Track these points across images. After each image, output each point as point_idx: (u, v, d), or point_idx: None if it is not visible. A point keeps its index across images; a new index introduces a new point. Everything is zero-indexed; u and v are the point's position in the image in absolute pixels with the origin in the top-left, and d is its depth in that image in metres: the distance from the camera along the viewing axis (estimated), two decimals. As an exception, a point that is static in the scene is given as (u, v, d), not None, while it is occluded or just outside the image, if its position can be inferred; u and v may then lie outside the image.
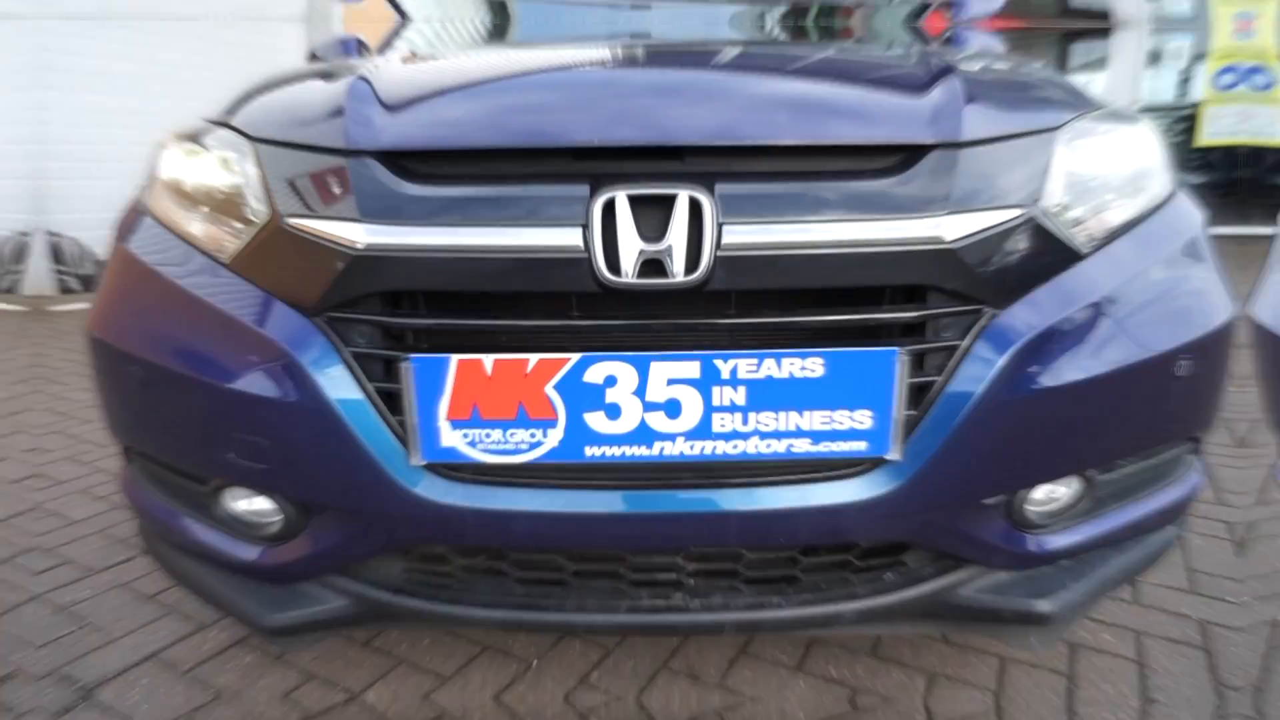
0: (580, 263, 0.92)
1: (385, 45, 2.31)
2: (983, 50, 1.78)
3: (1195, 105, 8.86)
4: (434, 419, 0.95)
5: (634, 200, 0.93)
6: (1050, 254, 1.05)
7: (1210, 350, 1.16)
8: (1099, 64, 9.69)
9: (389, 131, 1.04)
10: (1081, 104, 1.27)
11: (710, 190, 0.93)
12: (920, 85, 1.15)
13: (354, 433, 0.98)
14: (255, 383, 1.02)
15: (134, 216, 1.32)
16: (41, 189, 5.99)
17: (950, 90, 1.12)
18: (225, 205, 1.14)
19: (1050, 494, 1.15)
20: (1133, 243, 1.15)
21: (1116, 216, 1.16)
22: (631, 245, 0.91)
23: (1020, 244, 1.02)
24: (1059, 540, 1.14)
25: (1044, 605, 1.12)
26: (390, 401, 0.99)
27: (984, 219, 0.99)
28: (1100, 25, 9.17)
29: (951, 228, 0.96)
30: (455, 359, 0.93)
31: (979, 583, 1.13)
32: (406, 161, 1.03)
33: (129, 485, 1.30)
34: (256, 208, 1.08)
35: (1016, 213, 1.02)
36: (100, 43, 6.38)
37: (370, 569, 1.13)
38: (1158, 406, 1.12)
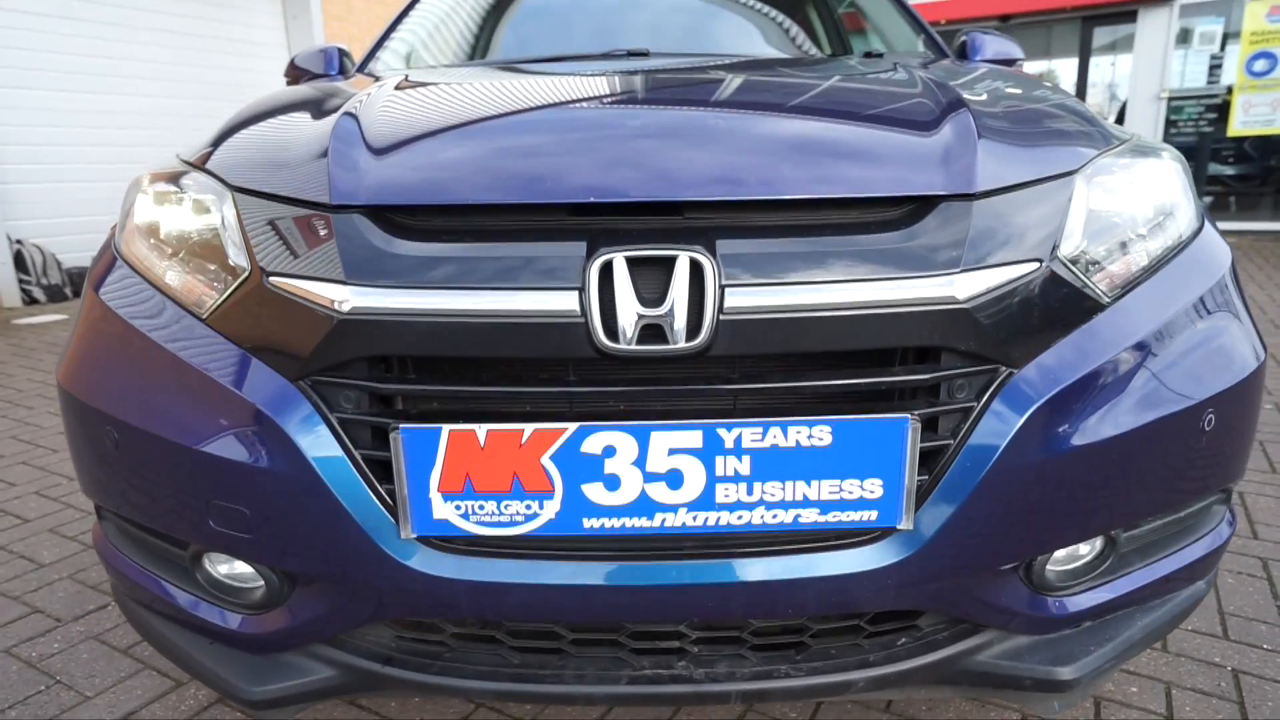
0: (577, 328, 0.93)
1: (368, 57, 2.32)
2: (993, 69, 1.78)
3: (1227, 89, 8.87)
4: (425, 491, 0.96)
5: (632, 262, 0.94)
6: (1070, 306, 1.06)
7: (1239, 400, 1.17)
8: (1125, 47, 9.71)
9: (375, 186, 1.04)
10: (1100, 139, 1.28)
11: (711, 250, 0.94)
12: (929, 123, 1.16)
13: (340, 503, 0.99)
14: (236, 449, 1.03)
15: (108, 261, 1.33)
16: (3, 194, 5.99)
17: (961, 132, 1.13)
18: (203, 258, 1.15)
19: (1071, 554, 1.16)
20: (1157, 288, 1.15)
21: (1140, 260, 1.17)
22: (630, 310, 0.92)
23: (1038, 298, 1.03)
24: (1081, 602, 1.15)
25: (1065, 672, 1.13)
26: (378, 469, 1.00)
27: (999, 275, 1.00)
28: (1126, 7, 9.19)
29: (965, 286, 0.97)
30: (447, 430, 0.94)
31: (997, 648, 1.14)
32: (393, 216, 1.04)
33: (102, 543, 1.31)
34: (236, 262, 1.09)
35: (1034, 266, 1.02)
36: (63, 38, 6.39)
37: (358, 638, 1.14)
38: (1185, 462, 1.13)
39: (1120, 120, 10.05)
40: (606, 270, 0.94)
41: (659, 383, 0.97)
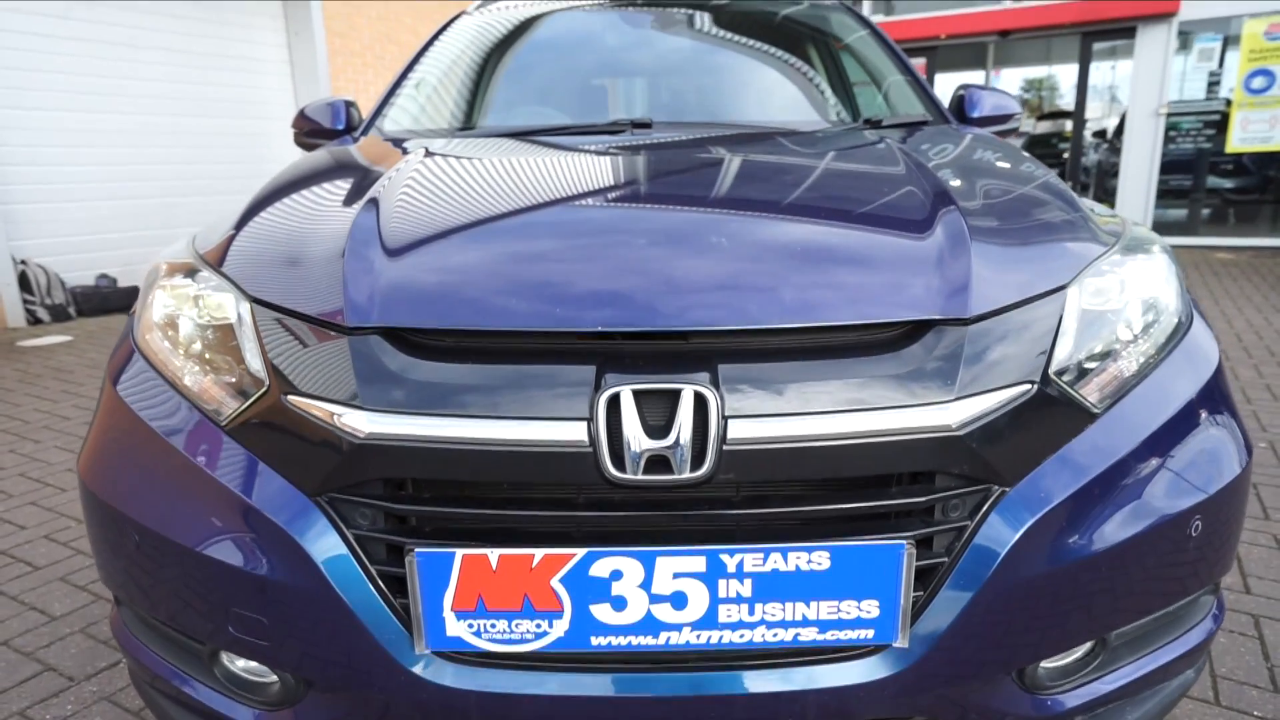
0: (585, 458, 0.97)
1: (375, 114, 2.36)
2: (983, 140, 1.82)
3: (1226, 105, 8.92)
4: (439, 609, 1.00)
5: (639, 393, 0.98)
6: (1061, 421, 1.10)
7: (1226, 504, 1.20)
8: (1126, 53, 9.74)
9: (389, 307, 1.08)
10: (1089, 235, 1.32)
11: (714, 381, 0.98)
12: (926, 239, 1.19)
13: (356, 616, 1.03)
14: (256, 562, 1.07)
15: (125, 353, 1.37)
16: (6, 214, 6.03)
17: (957, 250, 1.16)
18: (222, 366, 1.19)
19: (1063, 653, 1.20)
20: (1146, 394, 1.19)
21: (1130, 366, 1.20)
22: (637, 443, 0.96)
23: (1030, 418, 1.06)
24: (1073, 699, 1.18)
25: None
26: (393, 583, 1.04)
27: (992, 399, 1.03)
28: (1125, 23, 9.23)
29: (959, 413, 1.00)
30: (460, 553, 0.98)
31: (989, 743, 1.17)
32: (408, 335, 1.08)
33: (120, 630, 1.35)
34: (254, 375, 1.13)
35: (1025, 387, 1.06)
36: (68, 59, 6.43)
37: None
38: (1173, 566, 1.17)
39: (1119, 133, 10.11)
40: (614, 401, 0.97)
41: (664, 507, 1.01)
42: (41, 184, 6.25)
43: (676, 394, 0.98)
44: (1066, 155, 10.77)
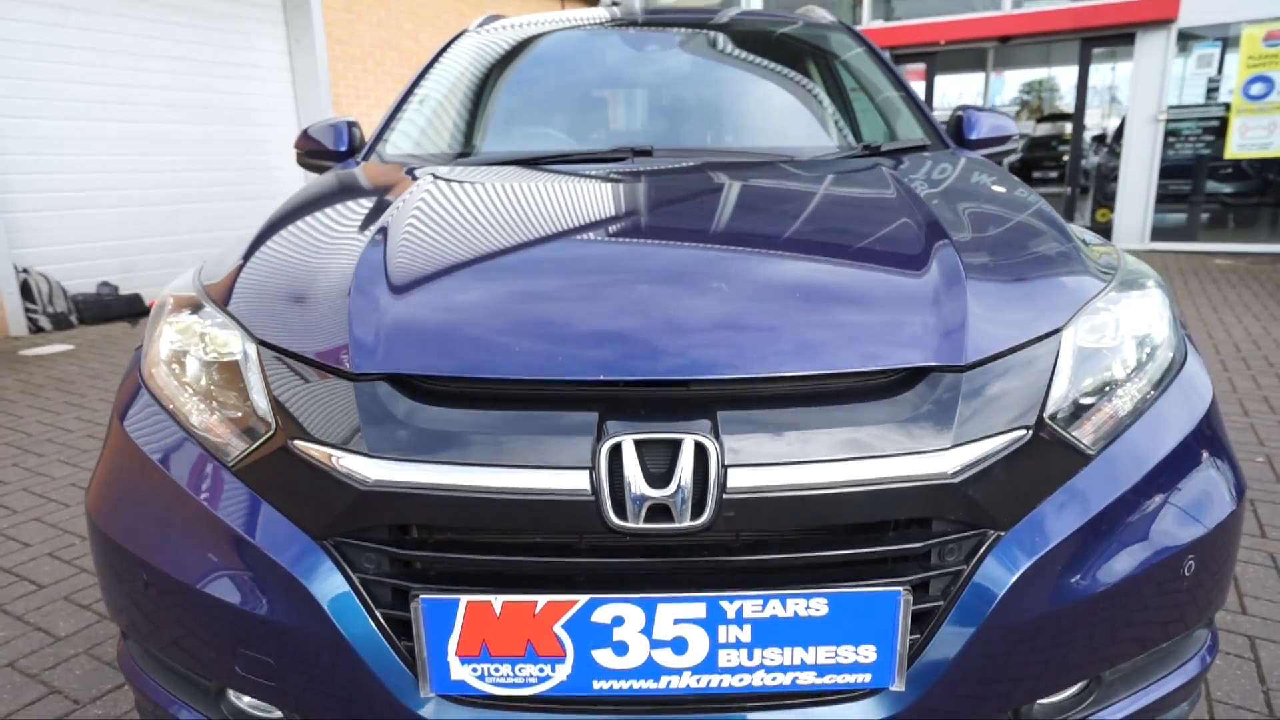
0: (588, 506, 0.98)
1: (378, 137, 2.37)
2: (978, 167, 1.83)
3: (1225, 110, 8.94)
4: (444, 654, 1.02)
5: (640, 442, 1.00)
6: (1055, 464, 1.12)
7: (1220, 543, 1.22)
8: (1125, 63, 9.76)
9: (394, 354, 1.10)
10: (1083, 269, 1.34)
11: (714, 431, 1.00)
12: (922, 282, 1.21)
13: (361, 658, 1.05)
14: (260, 603, 1.08)
15: (132, 388, 1.39)
16: (9, 222, 6.05)
17: (953, 294, 1.18)
18: (229, 406, 1.20)
19: (1058, 690, 1.22)
20: (1140, 434, 1.21)
21: (1125, 405, 1.22)
22: (639, 492, 0.98)
23: (1024, 462, 1.08)
24: (1068, 734, 1.20)
25: None
26: (398, 626, 1.06)
27: (987, 446, 1.05)
28: (1124, 29, 9.25)
29: (955, 461, 1.02)
30: (465, 600, 1.00)
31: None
32: (413, 380, 1.10)
33: (127, 663, 1.36)
34: (261, 417, 1.15)
35: (1020, 433, 1.08)
36: (70, 67, 6.45)
37: None
38: (1167, 604, 1.18)
39: (1118, 137, 10.13)
40: (616, 450, 0.99)
41: (665, 553, 1.02)
42: (44, 192, 6.27)
43: (677, 442, 0.99)
44: (1066, 158, 10.79)
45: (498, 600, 1.00)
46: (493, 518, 1.00)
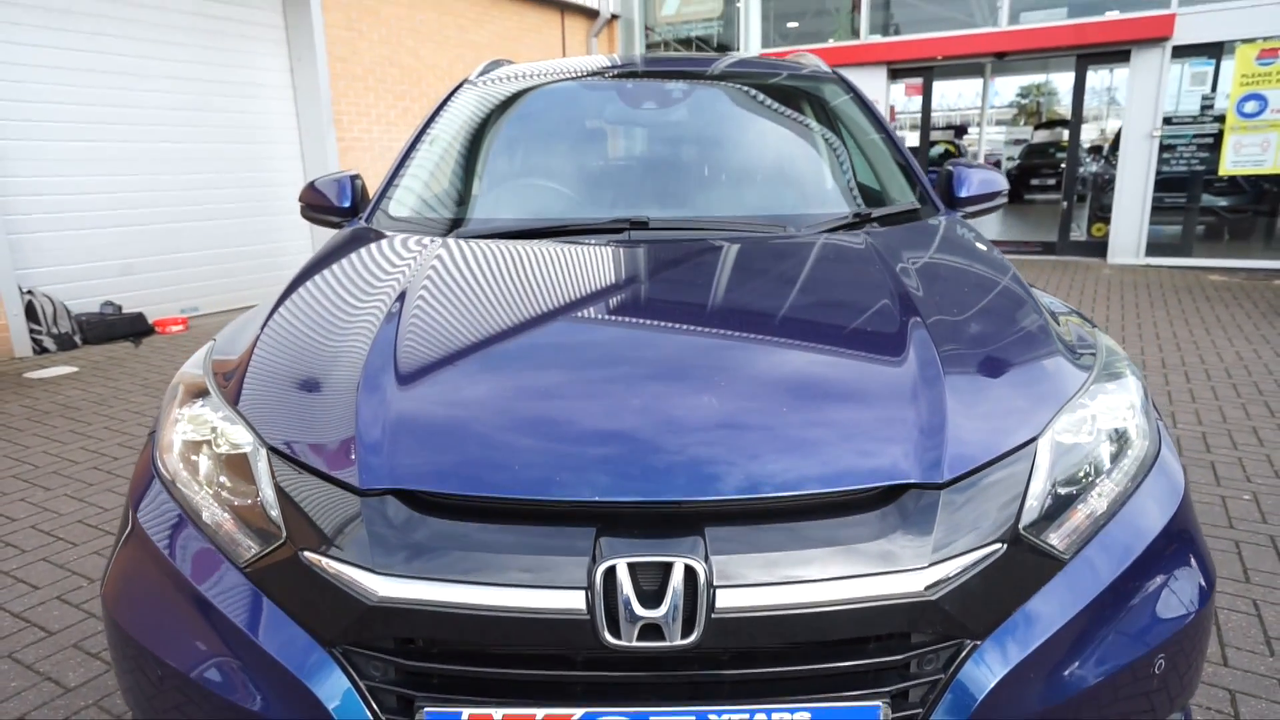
0: (584, 625, 1.04)
1: (382, 194, 2.42)
2: (963, 245, 1.88)
3: (1218, 128, 8.99)
4: (447, 762, 1.07)
5: (634, 564, 1.05)
6: (1030, 572, 1.17)
7: (1190, 638, 1.27)
8: (1122, 69, 9.81)
9: (400, 470, 1.15)
10: (1065, 370, 1.39)
11: (704, 554, 1.05)
12: (904, 396, 1.25)
13: (367, 762, 1.10)
14: (270, 706, 1.13)
15: (146, 476, 1.44)
16: (14, 244, 6.09)
17: (934, 407, 1.23)
18: (240, 509, 1.25)
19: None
20: (1114, 534, 1.25)
21: (1099, 506, 1.27)
22: (632, 613, 1.03)
23: (1000, 573, 1.13)
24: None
25: None
26: None
27: (963, 562, 1.10)
28: (1120, 46, 9.30)
29: (932, 578, 1.07)
30: (467, 714, 1.05)
31: None
32: (417, 493, 1.15)
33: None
34: (272, 525, 1.20)
35: (996, 547, 1.13)
36: (74, 89, 6.50)
37: None
38: (1141, 700, 1.23)
39: (1114, 149, 10.19)
40: (610, 570, 1.04)
41: (657, 666, 1.07)
42: (48, 213, 6.32)
43: (669, 564, 1.04)
44: (1064, 165, 10.83)
45: (498, 713, 1.05)
46: (495, 634, 1.05)
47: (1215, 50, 8.97)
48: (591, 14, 11.97)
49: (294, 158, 8.26)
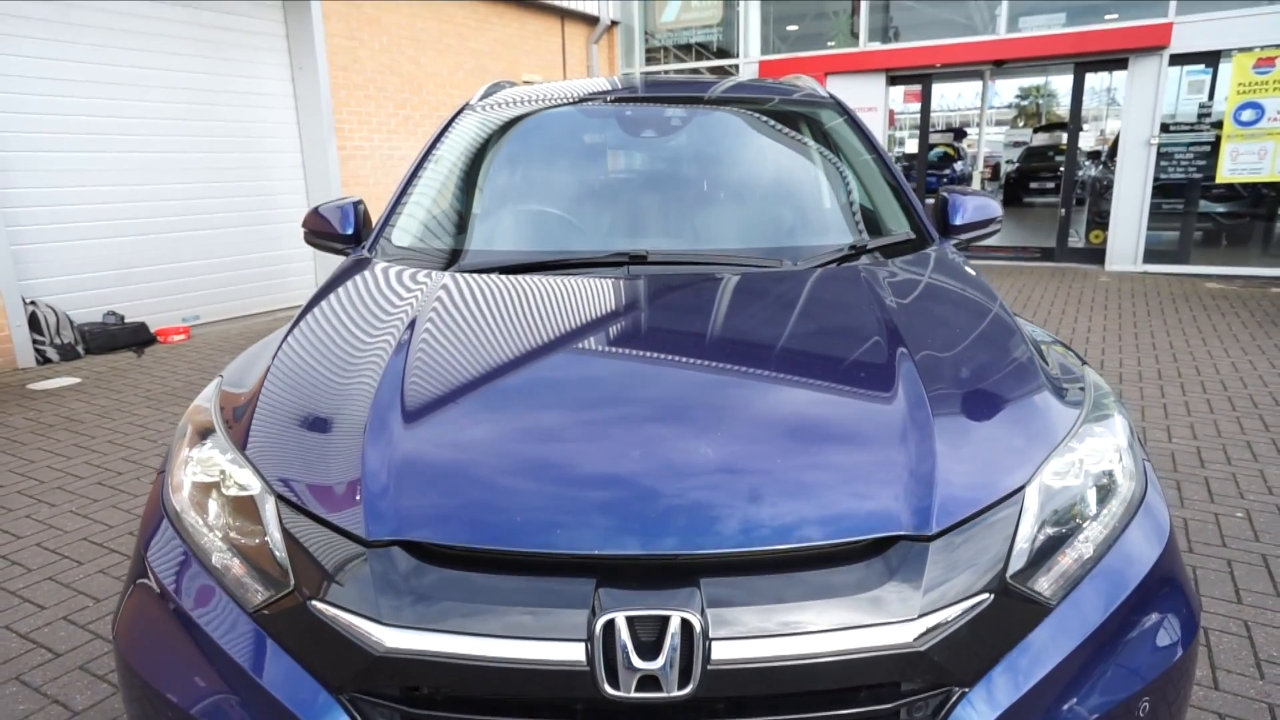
0: (584, 676, 1.07)
1: (385, 223, 2.45)
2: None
3: (1216, 135, 9.02)
4: (450, 808, 1.10)
5: (632, 617, 1.08)
6: (1017, 619, 1.20)
7: (1175, 681, 1.30)
8: (1122, 71, 9.84)
9: (406, 521, 1.18)
10: (1055, 414, 1.42)
11: (700, 607, 1.08)
12: (894, 447, 1.28)
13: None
14: (280, 753, 1.17)
15: (155, 516, 1.47)
16: (17, 254, 6.13)
17: (921, 445, 1.27)
18: (248, 551, 1.29)
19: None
20: (1100, 578, 1.28)
21: (1085, 551, 1.30)
22: (631, 665, 1.06)
23: (987, 621, 1.16)
24: None
25: None
26: None
27: (952, 612, 1.13)
28: (1118, 54, 9.34)
29: (921, 628, 1.10)
30: (469, 760, 1.08)
31: None
32: (423, 544, 1.18)
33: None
34: (280, 571, 1.23)
35: (984, 596, 1.16)
36: (79, 101, 6.53)
37: None
38: None
39: (1113, 154, 10.22)
40: (610, 623, 1.08)
41: (654, 717, 1.11)
42: (50, 224, 6.35)
43: (666, 616, 1.08)
44: (1062, 169, 10.86)
45: (499, 760, 1.08)
46: (499, 684, 1.09)
47: (1213, 59, 9.01)
48: (591, 20, 12.00)
49: (295, 166, 8.29)
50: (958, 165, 21.22)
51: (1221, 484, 3.68)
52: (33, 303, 6.17)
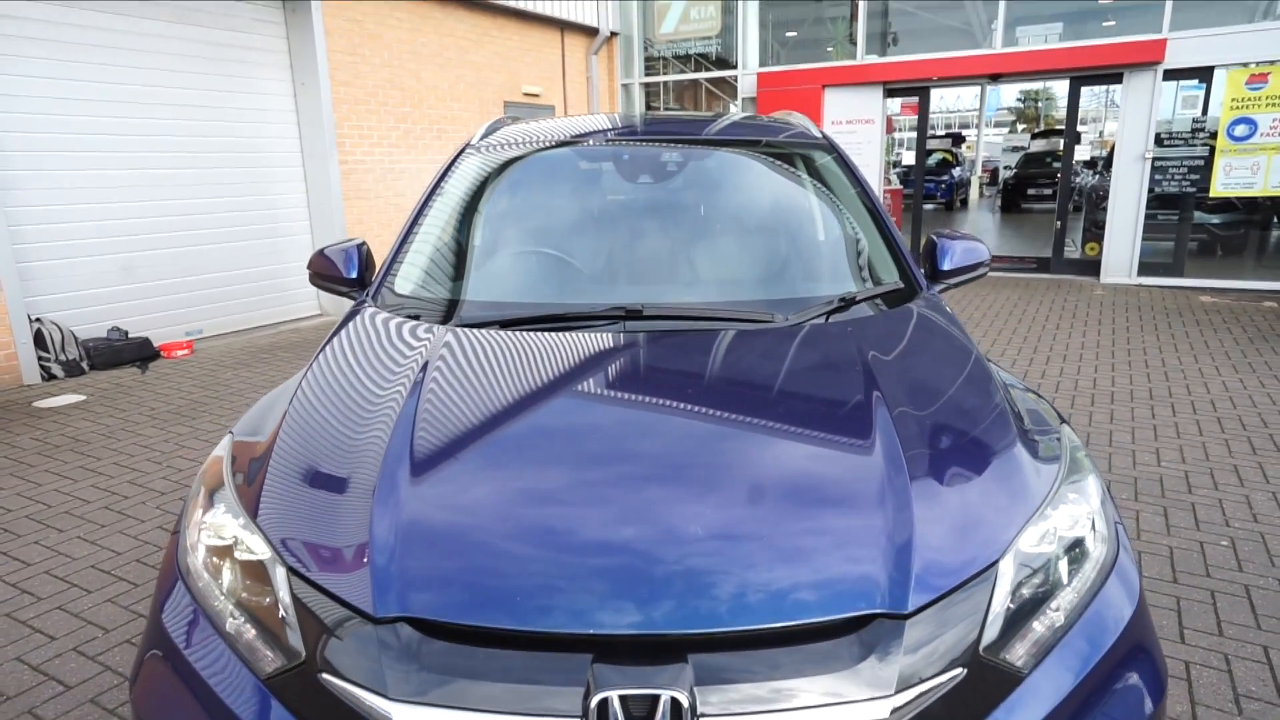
0: None
1: (388, 270, 2.51)
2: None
3: (1209, 150, 9.08)
4: None
5: (624, 696, 1.15)
6: (991, 689, 1.26)
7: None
8: (1113, 100, 9.89)
9: (412, 599, 1.25)
10: (1030, 481, 1.49)
11: (688, 687, 1.15)
12: (873, 508, 1.36)
13: None
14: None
15: (170, 576, 1.54)
16: (23, 271, 6.19)
17: (899, 522, 1.33)
18: (259, 613, 1.35)
19: None
20: (1072, 645, 1.35)
21: (1057, 619, 1.36)
22: None
23: (962, 695, 1.22)
24: None
25: None
26: None
27: (926, 687, 1.19)
28: (1113, 69, 9.40)
29: (897, 703, 1.16)
30: (473, 832, 1.15)
31: None
32: (429, 620, 1.24)
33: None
34: (292, 643, 1.29)
35: (957, 671, 1.23)
36: (84, 119, 6.59)
37: None
38: None
39: (1108, 164, 10.29)
40: (604, 701, 1.14)
41: None
42: (55, 241, 6.41)
43: (656, 695, 1.14)
44: (1059, 176, 10.92)
45: (501, 833, 1.14)
46: None
47: (1206, 74, 9.07)
48: (591, 32, 12.07)
49: (297, 180, 8.36)
50: (955, 171, 21.30)
51: (1208, 510, 3.74)
52: (38, 319, 6.23)
